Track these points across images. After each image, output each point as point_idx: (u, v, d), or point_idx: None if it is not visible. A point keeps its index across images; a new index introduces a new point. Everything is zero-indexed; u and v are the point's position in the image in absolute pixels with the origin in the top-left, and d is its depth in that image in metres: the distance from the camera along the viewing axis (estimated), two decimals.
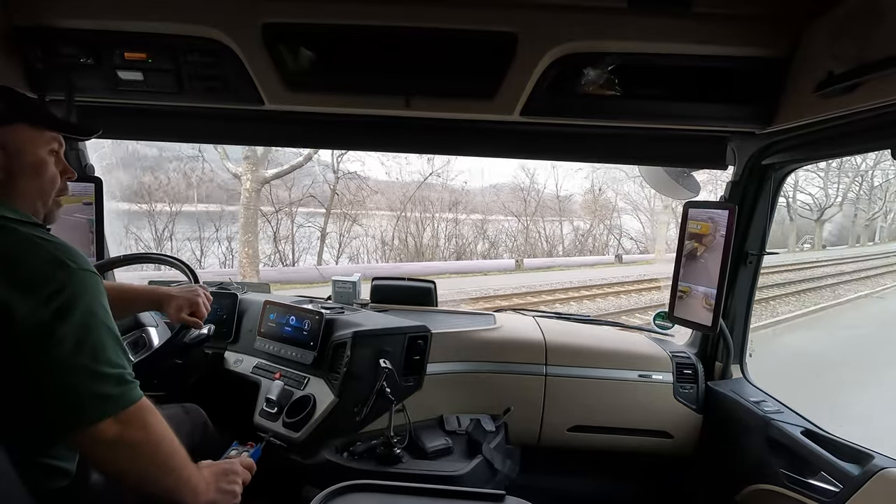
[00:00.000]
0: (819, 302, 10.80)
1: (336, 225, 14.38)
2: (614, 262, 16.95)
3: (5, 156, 0.90)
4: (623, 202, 21.87)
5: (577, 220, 21.41)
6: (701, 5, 1.20)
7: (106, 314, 0.87)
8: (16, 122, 0.92)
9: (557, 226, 20.52)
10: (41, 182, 0.96)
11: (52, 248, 0.84)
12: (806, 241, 30.14)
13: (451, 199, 17.33)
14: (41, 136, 0.95)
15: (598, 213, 21.42)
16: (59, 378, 0.80)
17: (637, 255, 20.09)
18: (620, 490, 1.99)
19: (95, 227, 1.81)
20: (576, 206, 21.83)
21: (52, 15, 1.31)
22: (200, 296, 1.37)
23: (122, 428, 0.83)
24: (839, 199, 30.02)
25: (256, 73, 1.33)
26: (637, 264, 16.95)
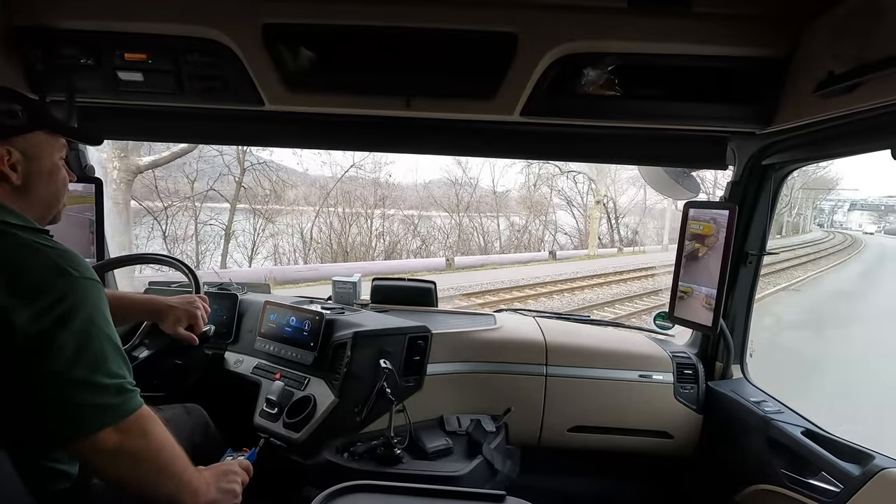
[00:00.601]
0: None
1: (250, 222, 13.60)
2: (548, 259, 16.63)
3: (27, 162, 0.92)
4: (558, 198, 21.83)
5: (514, 216, 21.04)
6: (701, 5, 1.20)
7: (106, 323, 0.87)
8: (35, 129, 0.93)
9: (494, 221, 20.11)
10: (56, 186, 0.98)
11: (54, 255, 0.84)
12: None
13: (379, 194, 16.56)
14: (55, 142, 0.98)
15: (534, 209, 21.18)
16: (58, 387, 0.79)
17: (571, 250, 19.83)
18: (621, 490, 1.99)
19: (95, 228, 1.82)
20: (512, 202, 21.48)
21: (52, 15, 1.31)
22: (200, 308, 1.36)
23: (122, 437, 0.83)
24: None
25: (256, 74, 1.33)
26: (571, 260, 16.71)
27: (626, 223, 26.39)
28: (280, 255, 14.42)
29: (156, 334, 1.40)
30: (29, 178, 0.92)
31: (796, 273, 16.61)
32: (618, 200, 24.66)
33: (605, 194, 20.85)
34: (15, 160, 0.90)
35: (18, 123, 0.91)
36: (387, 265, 13.15)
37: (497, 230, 20.34)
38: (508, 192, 21.51)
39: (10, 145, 0.90)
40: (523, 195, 21.46)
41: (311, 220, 14.87)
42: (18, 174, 0.91)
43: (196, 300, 1.38)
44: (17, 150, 0.91)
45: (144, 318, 1.39)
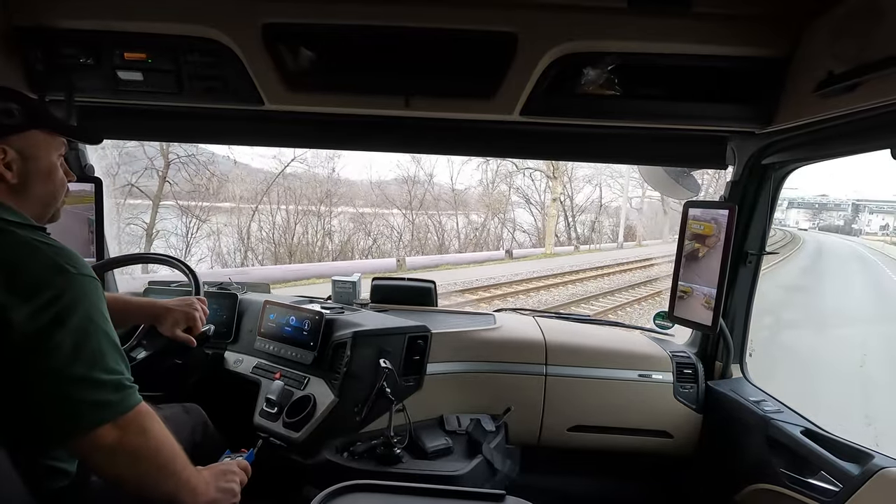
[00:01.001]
0: None
1: (182, 221, 12.74)
2: (505, 259, 16.25)
3: (23, 161, 0.92)
4: (516, 195, 21.56)
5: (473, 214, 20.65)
6: (701, 5, 1.20)
7: (104, 320, 0.86)
8: (32, 128, 0.93)
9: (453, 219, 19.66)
10: (53, 186, 0.98)
11: (52, 253, 0.84)
12: (672, 233, 32.33)
13: (325, 191, 15.50)
14: (53, 141, 0.97)
15: (492, 207, 20.88)
16: (56, 385, 0.80)
17: (528, 249, 19.48)
18: (620, 490, 1.99)
19: (95, 228, 1.82)
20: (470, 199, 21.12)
21: (52, 15, 1.31)
22: (198, 310, 1.36)
23: (120, 434, 0.83)
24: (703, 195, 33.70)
25: (256, 74, 1.33)
26: (528, 259, 16.40)
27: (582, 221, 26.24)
28: (224, 257, 13.60)
29: (153, 335, 1.40)
30: (25, 177, 0.92)
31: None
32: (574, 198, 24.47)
33: (561, 192, 20.64)
34: (10, 159, 0.90)
35: (14, 122, 0.90)
36: (333, 267, 11.71)
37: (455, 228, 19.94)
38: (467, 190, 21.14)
39: (6, 144, 0.90)
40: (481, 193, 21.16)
41: (251, 219, 14.01)
42: (14, 173, 0.91)
43: (194, 302, 1.38)
44: (13, 150, 0.90)
45: (142, 321, 1.39)
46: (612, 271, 13.74)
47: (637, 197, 28.18)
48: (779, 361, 5.92)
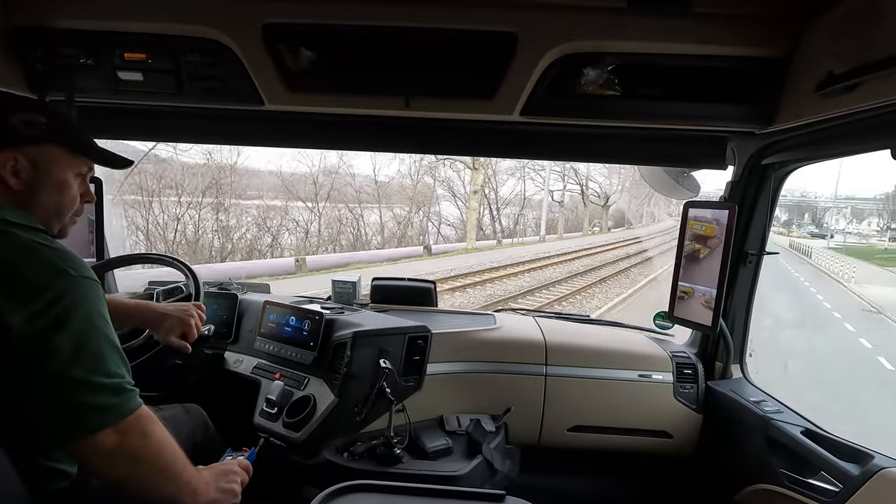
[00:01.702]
0: (621, 291, 11.15)
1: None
2: (423, 255, 15.47)
3: (33, 171, 0.91)
4: (441, 188, 21.16)
5: (397, 208, 19.83)
6: (701, 5, 1.20)
7: (104, 322, 0.86)
8: (52, 142, 0.93)
9: (376, 213, 18.84)
10: (61, 200, 0.97)
11: (52, 255, 0.84)
12: (595, 225, 33.94)
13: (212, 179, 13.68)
14: (74, 159, 0.97)
15: (417, 200, 20.22)
16: (56, 388, 0.79)
17: (449, 244, 18.78)
18: (620, 490, 1.99)
19: (95, 227, 1.82)
20: (394, 192, 20.34)
21: (52, 15, 1.31)
22: (194, 316, 1.33)
23: (121, 437, 0.83)
24: (619, 188, 33.85)
25: (256, 74, 1.33)
26: (448, 255, 15.84)
27: (508, 214, 25.94)
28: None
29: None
30: (33, 186, 0.92)
31: (660, 262, 17.08)
32: (499, 191, 24.20)
33: (483, 184, 20.00)
34: (21, 167, 0.90)
35: (32, 133, 0.91)
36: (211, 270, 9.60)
37: (379, 222, 19.12)
38: (390, 182, 20.30)
39: (20, 153, 0.90)
40: (405, 185, 20.48)
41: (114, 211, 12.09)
42: (20, 180, 0.90)
43: (190, 308, 1.35)
44: (26, 159, 0.90)
45: (138, 325, 1.37)
46: (531, 267, 13.42)
47: (558, 190, 28.23)
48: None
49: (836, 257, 21.57)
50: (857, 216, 55.71)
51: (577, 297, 10.14)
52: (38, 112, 0.93)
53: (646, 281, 12.89)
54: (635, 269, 15.41)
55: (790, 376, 6.51)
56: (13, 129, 0.89)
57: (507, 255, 15.58)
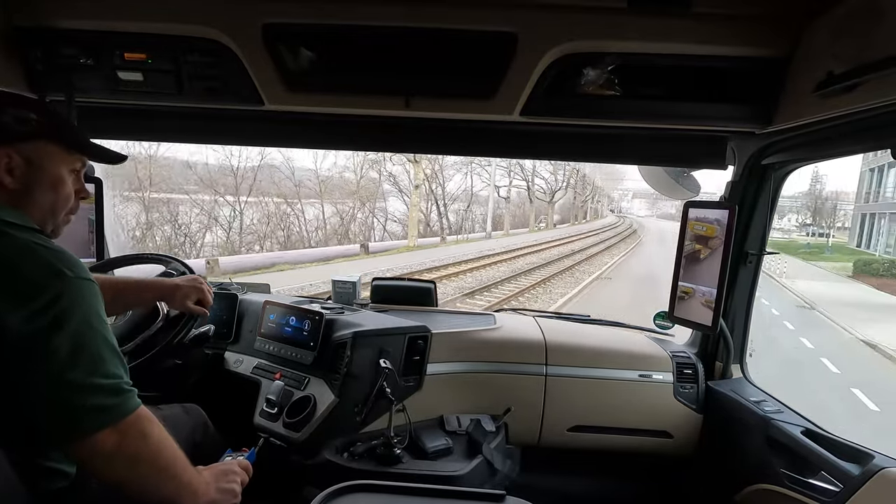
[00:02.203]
0: (566, 291, 11.05)
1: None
2: (360, 254, 14.60)
3: (27, 168, 0.91)
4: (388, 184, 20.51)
5: (341, 203, 18.96)
6: (701, 5, 1.20)
7: (102, 323, 0.86)
8: (46, 139, 0.93)
9: (317, 208, 17.88)
10: (56, 198, 0.96)
11: (49, 256, 0.83)
12: (542, 221, 34.58)
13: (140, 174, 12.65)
14: (66, 155, 0.96)
15: (361, 195, 19.48)
16: (54, 390, 0.79)
17: (390, 241, 17.85)
18: (620, 490, 1.99)
19: (95, 227, 1.81)
20: (336, 187, 19.46)
21: (53, 15, 1.31)
22: (204, 284, 1.42)
23: (120, 438, 0.83)
24: (565, 184, 35.18)
25: (256, 74, 1.33)
26: (388, 253, 15.10)
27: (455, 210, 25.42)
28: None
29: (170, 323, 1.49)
30: (28, 184, 0.91)
31: (604, 259, 17.49)
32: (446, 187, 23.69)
33: (424, 178, 19.27)
34: (15, 165, 0.89)
35: (24, 130, 0.90)
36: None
37: (321, 218, 18.24)
38: (332, 176, 19.35)
39: (13, 150, 0.89)
40: (348, 179, 19.73)
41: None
42: (15, 179, 0.90)
43: (198, 278, 1.44)
44: (20, 156, 0.90)
45: (155, 297, 1.45)
46: (474, 266, 13.02)
47: (504, 186, 27.99)
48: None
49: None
50: (778, 213, 62.95)
51: (519, 298, 9.83)
52: (29, 108, 0.92)
53: (590, 279, 12.76)
54: (580, 266, 15.24)
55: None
56: (4, 126, 0.89)
57: (451, 253, 15.23)
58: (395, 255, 14.90)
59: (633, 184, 60.04)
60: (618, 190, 60.76)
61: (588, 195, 43.89)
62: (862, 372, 7.61)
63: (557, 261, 15.44)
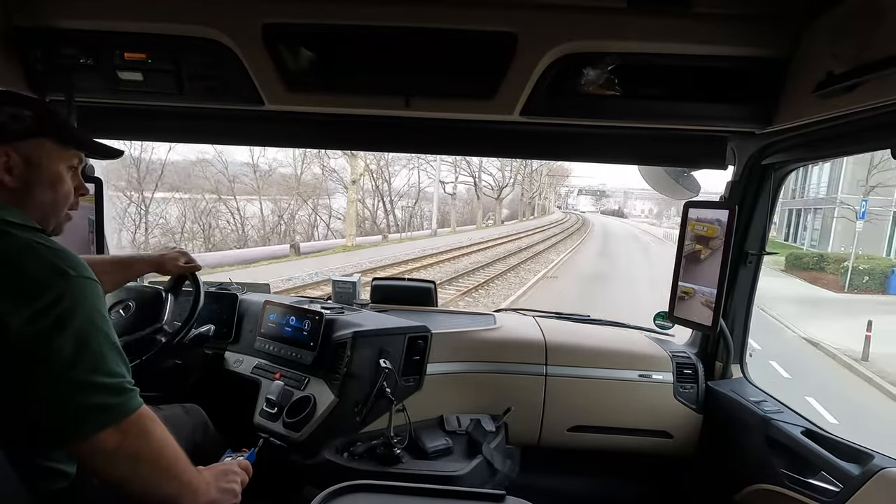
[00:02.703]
0: (510, 293, 10.73)
1: None
2: (290, 255, 13.53)
3: (26, 167, 0.91)
4: (332, 180, 19.50)
5: (282, 199, 17.82)
6: (701, 5, 1.20)
7: (105, 322, 0.86)
8: (42, 136, 0.93)
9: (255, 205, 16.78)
10: (56, 196, 0.96)
11: (52, 255, 0.83)
12: (489, 218, 34.51)
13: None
14: (64, 152, 0.96)
15: (302, 192, 18.31)
16: (57, 389, 0.79)
17: (331, 240, 16.66)
18: (620, 490, 1.99)
19: (95, 227, 1.81)
20: (273, 183, 18.39)
21: (53, 15, 1.31)
22: (183, 249, 1.57)
23: (122, 437, 0.83)
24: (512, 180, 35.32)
25: (256, 74, 1.33)
26: (323, 254, 14.09)
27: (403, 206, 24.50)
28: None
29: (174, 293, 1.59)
30: (28, 183, 0.91)
31: (550, 256, 17.23)
32: (392, 182, 22.78)
33: (362, 173, 18.07)
34: (13, 163, 0.89)
35: (21, 128, 0.90)
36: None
37: (261, 216, 17.21)
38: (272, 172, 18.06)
39: (11, 148, 0.89)
40: (286, 175, 18.61)
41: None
42: (14, 177, 0.90)
43: (176, 246, 1.59)
44: (18, 155, 0.90)
45: (146, 270, 1.53)
46: (416, 266, 12.29)
47: (450, 182, 27.36)
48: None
49: None
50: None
51: (459, 303, 9.26)
52: (25, 106, 0.91)
53: (535, 279, 12.38)
54: (526, 265, 14.78)
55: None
56: (1, 124, 0.88)
57: (392, 253, 14.51)
58: (329, 256, 13.79)
59: (578, 180, 62.91)
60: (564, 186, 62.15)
61: (535, 191, 43.95)
62: (813, 377, 7.48)
63: (503, 259, 14.94)
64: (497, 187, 33.58)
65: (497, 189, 33.63)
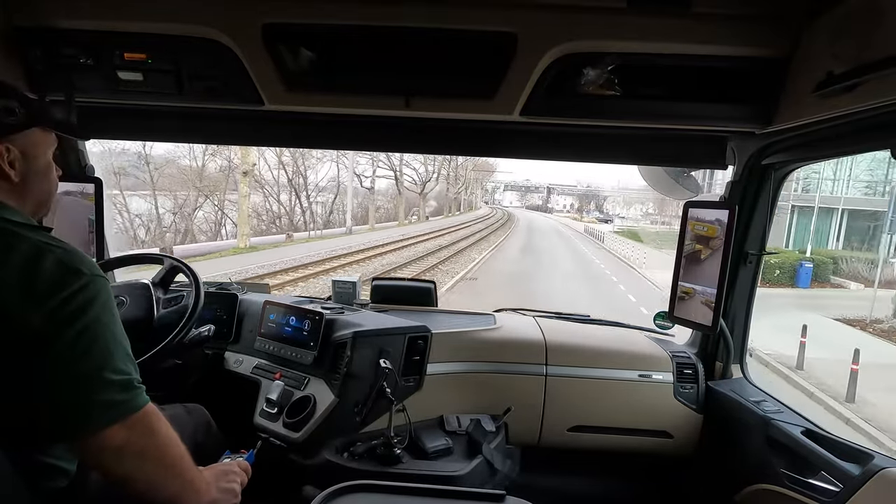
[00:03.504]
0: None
1: None
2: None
3: (24, 161, 0.91)
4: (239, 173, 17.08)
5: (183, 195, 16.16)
6: (701, 5, 1.20)
7: (114, 320, 0.87)
8: (32, 126, 0.93)
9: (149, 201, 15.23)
10: (49, 184, 0.98)
11: (63, 255, 0.84)
12: (413, 214, 33.53)
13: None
14: (49, 138, 0.97)
15: (203, 187, 16.82)
16: (65, 385, 0.80)
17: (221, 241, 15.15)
18: (620, 490, 1.99)
19: (95, 227, 1.81)
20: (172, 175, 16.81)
21: (52, 15, 1.31)
22: None
23: (128, 434, 0.83)
24: (436, 175, 34.32)
25: (256, 74, 1.33)
26: (208, 258, 12.51)
27: (323, 202, 23.01)
28: None
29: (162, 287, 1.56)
30: (26, 176, 0.92)
31: (472, 255, 16.66)
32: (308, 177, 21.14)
33: (254, 163, 16.33)
34: (13, 158, 0.90)
35: (16, 121, 0.90)
36: None
37: (156, 214, 15.83)
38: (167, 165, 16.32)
39: (8, 143, 0.89)
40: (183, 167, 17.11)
41: None
42: (17, 171, 0.90)
43: None
44: (16, 148, 0.90)
45: None
46: (315, 271, 11.10)
47: (367, 176, 25.42)
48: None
49: (625, 242, 24.93)
50: (627, 203, 70.90)
51: None
52: (10, 98, 0.90)
53: (453, 282, 11.67)
54: (444, 266, 13.75)
55: None
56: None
57: (294, 255, 12.92)
58: (214, 261, 12.15)
59: (503, 176, 64.14)
60: (491, 182, 62.75)
61: (461, 186, 43.35)
62: None
63: (420, 259, 13.81)
64: (420, 182, 32.35)
65: (421, 184, 32.37)
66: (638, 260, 18.53)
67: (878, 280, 11.61)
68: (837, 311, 11.23)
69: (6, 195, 0.90)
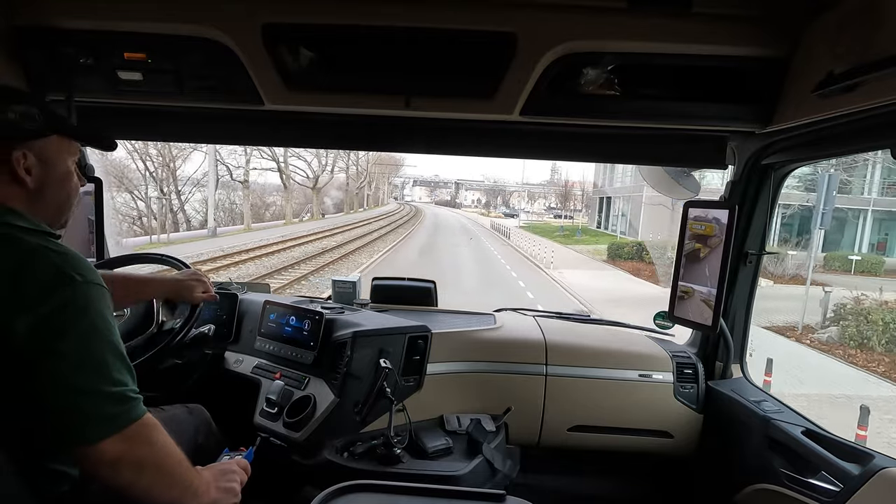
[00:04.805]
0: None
1: None
2: None
3: (41, 167, 0.91)
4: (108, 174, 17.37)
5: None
6: (701, 5, 1.20)
7: (110, 329, 0.85)
8: (52, 133, 0.92)
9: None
10: (68, 192, 0.97)
11: (59, 260, 0.83)
12: (307, 212, 30.53)
13: None
14: (70, 146, 0.97)
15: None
16: (60, 397, 0.79)
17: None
18: (620, 490, 1.99)
19: (95, 227, 1.81)
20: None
21: (53, 15, 1.31)
22: (203, 276, 1.50)
23: (125, 446, 0.83)
24: (330, 168, 31.55)
25: (256, 73, 1.33)
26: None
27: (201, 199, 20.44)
28: None
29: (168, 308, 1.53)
30: (42, 183, 0.91)
31: (360, 259, 15.28)
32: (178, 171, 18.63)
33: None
34: (30, 164, 0.89)
35: (36, 127, 0.89)
36: None
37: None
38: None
39: (26, 149, 0.89)
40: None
41: None
42: (33, 178, 0.90)
43: (195, 271, 1.51)
44: (33, 155, 0.90)
45: (161, 295, 1.49)
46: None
47: (240, 167, 22.27)
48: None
49: (531, 239, 24.37)
50: (531, 198, 71.68)
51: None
52: (29, 104, 0.91)
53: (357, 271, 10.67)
54: (323, 271, 12.33)
55: None
56: (13, 124, 0.88)
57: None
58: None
59: (411, 170, 63.06)
60: (398, 177, 61.12)
61: (363, 181, 40.73)
62: None
63: (293, 266, 12.31)
64: (313, 176, 29.38)
65: (313, 178, 29.40)
66: (546, 259, 17.35)
67: (809, 279, 10.30)
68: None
69: (19, 201, 0.89)
